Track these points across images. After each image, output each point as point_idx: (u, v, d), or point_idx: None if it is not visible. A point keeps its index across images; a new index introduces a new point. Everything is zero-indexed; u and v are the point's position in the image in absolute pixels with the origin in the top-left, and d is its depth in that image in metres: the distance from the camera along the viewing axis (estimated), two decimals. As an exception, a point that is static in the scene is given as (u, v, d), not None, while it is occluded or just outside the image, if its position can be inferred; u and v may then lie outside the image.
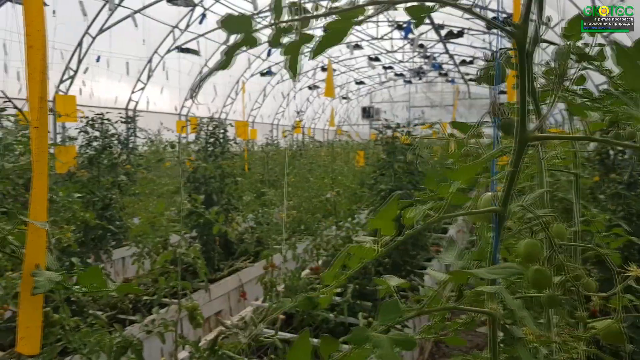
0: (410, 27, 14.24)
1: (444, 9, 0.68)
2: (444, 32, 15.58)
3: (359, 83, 26.97)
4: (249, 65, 18.33)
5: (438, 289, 0.67)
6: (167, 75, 15.25)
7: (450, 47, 19.13)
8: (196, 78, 16.87)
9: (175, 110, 17.22)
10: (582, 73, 0.97)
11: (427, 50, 19.51)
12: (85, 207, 4.29)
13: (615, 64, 0.61)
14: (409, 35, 15.83)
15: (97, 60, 12.52)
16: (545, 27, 0.86)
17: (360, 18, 0.52)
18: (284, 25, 0.48)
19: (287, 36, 0.55)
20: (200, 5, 12.93)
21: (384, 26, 16.90)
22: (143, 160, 8.21)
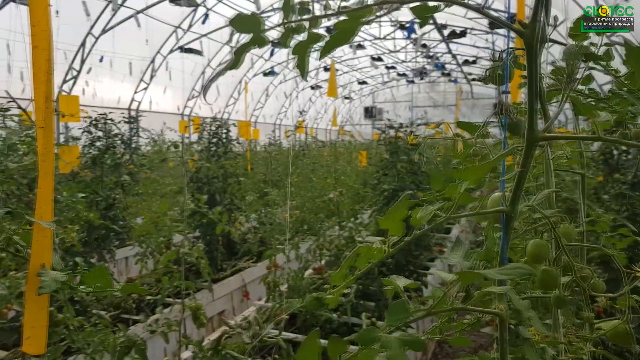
0: (413, 27, 14.22)
1: (447, 8, 0.67)
2: (446, 32, 15.55)
3: (361, 83, 26.95)
4: (251, 65, 18.35)
5: (446, 290, 0.67)
6: (170, 75, 15.28)
7: (453, 47, 19.11)
8: (199, 78, 16.89)
9: (178, 110, 17.24)
10: (589, 73, 0.96)
11: (430, 50, 19.49)
12: (89, 207, 4.29)
13: (624, 63, 0.61)
14: (412, 35, 15.81)
15: (101, 60, 12.54)
16: (551, 27, 0.86)
17: (369, 18, 0.52)
18: (293, 25, 0.48)
19: (295, 37, 0.55)
20: (202, 6, 12.93)
21: (386, 26, 16.89)
22: (146, 160, 8.22)
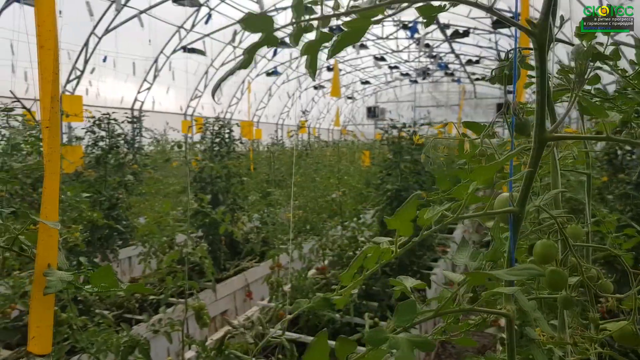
0: (416, 27, 14.21)
1: (451, 8, 0.67)
2: (449, 32, 15.54)
3: (364, 83, 26.96)
4: (254, 65, 18.36)
5: (455, 291, 0.67)
6: (173, 75, 15.31)
7: (456, 47, 19.10)
8: (202, 78, 16.91)
9: (181, 110, 17.27)
10: (596, 72, 0.96)
11: (433, 50, 19.48)
12: (93, 207, 4.30)
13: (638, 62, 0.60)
14: (415, 35, 15.80)
15: (104, 60, 12.57)
16: (559, 27, 0.86)
17: (379, 17, 0.52)
18: (303, 24, 0.48)
19: (302, 38, 0.55)
20: (205, 6, 12.95)
21: (389, 26, 16.88)
22: (149, 160, 8.24)
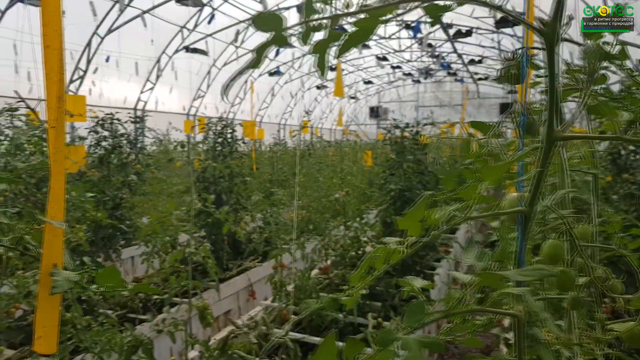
0: (419, 27, 14.19)
1: (456, 8, 0.67)
2: (452, 32, 15.53)
3: (367, 83, 26.94)
4: (257, 64, 18.34)
5: (465, 291, 0.67)
6: (176, 75, 15.32)
7: (458, 47, 19.07)
8: (205, 78, 16.92)
9: (184, 110, 17.29)
10: (603, 72, 0.96)
11: (436, 50, 19.45)
12: (96, 207, 4.31)
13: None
14: (418, 34, 15.78)
15: (107, 60, 12.59)
16: (566, 26, 0.85)
17: (388, 16, 0.51)
18: (313, 23, 0.47)
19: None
20: (208, 5, 12.95)
21: (391, 25, 16.86)
22: (152, 160, 8.24)
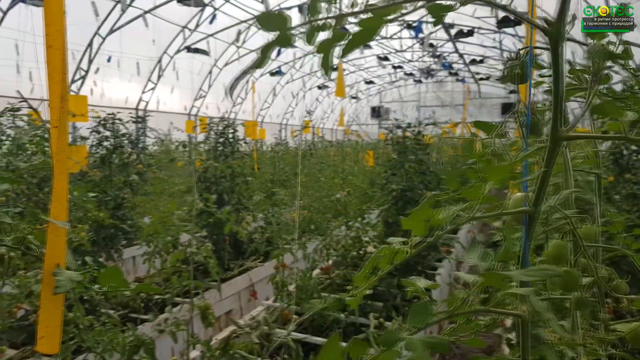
0: (420, 27, 14.17)
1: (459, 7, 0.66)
2: (453, 32, 15.51)
3: (368, 83, 26.91)
4: (259, 65, 18.33)
5: (469, 292, 0.67)
6: (177, 75, 15.31)
7: (460, 47, 19.05)
8: (206, 78, 16.92)
9: (185, 110, 17.29)
10: (607, 72, 0.95)
11: (437, 50, 19.43)
12: (98, 207, 4.31)
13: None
14: (419, 34, 15.77)
15: (108, 60, 12.59)
16: (571, 26, 0.85)
17: (393, 16, 0.51)
18: (318, 23, 0.47)
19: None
20: (210, 5, 12.95)
21: (393, 25, 16.84)
22: (154, 160, 8.25)
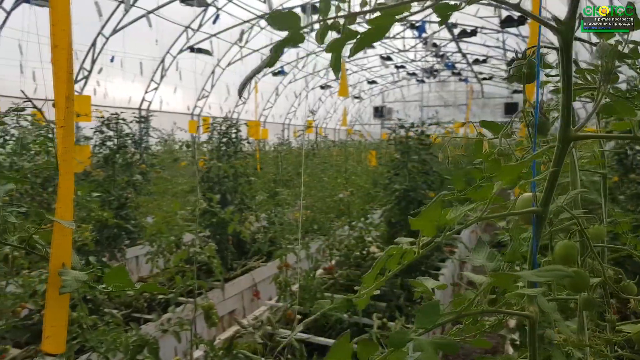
0: (424, 26, 14.15)
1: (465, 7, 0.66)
2: (457, 31, 15.48)
3: (371, 82, 26.89)
4: (260, 64, 18.33)
5: (478, 292, 0.66)
6: (180, 75, 15.33)
7: (463, 46, 19.03)
8: (209, 78, 16.93)
9: (188, 110, 17.30)
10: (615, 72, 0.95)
11: (440, 49, 19.41)
12: (102, 206, 4.32)
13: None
14: (422, 34, 15.74)
15: (111, 60, 12.60)
16: (578, 25, 0.85)
17: (403, 15, 0.51)
18: (329, 22, 0.47)
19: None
20: (213, 5, 12.96)
21: (396, 25, 16.77)
22: (157, 160, 8.26)
